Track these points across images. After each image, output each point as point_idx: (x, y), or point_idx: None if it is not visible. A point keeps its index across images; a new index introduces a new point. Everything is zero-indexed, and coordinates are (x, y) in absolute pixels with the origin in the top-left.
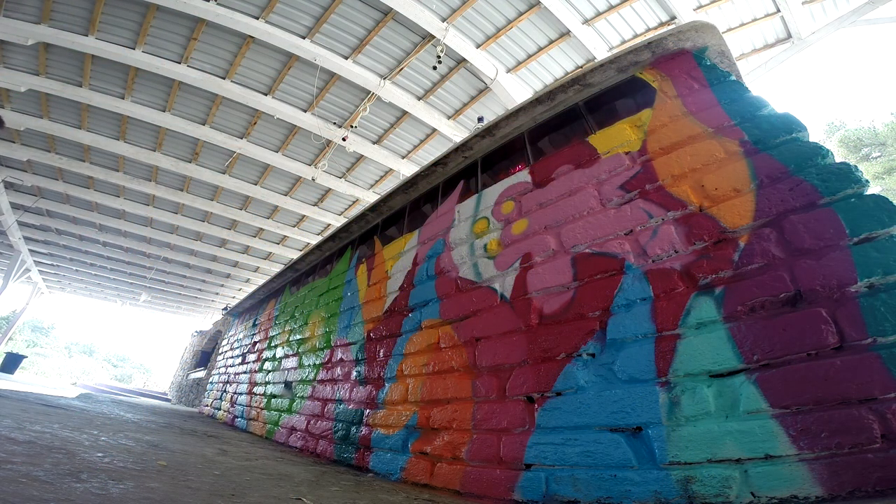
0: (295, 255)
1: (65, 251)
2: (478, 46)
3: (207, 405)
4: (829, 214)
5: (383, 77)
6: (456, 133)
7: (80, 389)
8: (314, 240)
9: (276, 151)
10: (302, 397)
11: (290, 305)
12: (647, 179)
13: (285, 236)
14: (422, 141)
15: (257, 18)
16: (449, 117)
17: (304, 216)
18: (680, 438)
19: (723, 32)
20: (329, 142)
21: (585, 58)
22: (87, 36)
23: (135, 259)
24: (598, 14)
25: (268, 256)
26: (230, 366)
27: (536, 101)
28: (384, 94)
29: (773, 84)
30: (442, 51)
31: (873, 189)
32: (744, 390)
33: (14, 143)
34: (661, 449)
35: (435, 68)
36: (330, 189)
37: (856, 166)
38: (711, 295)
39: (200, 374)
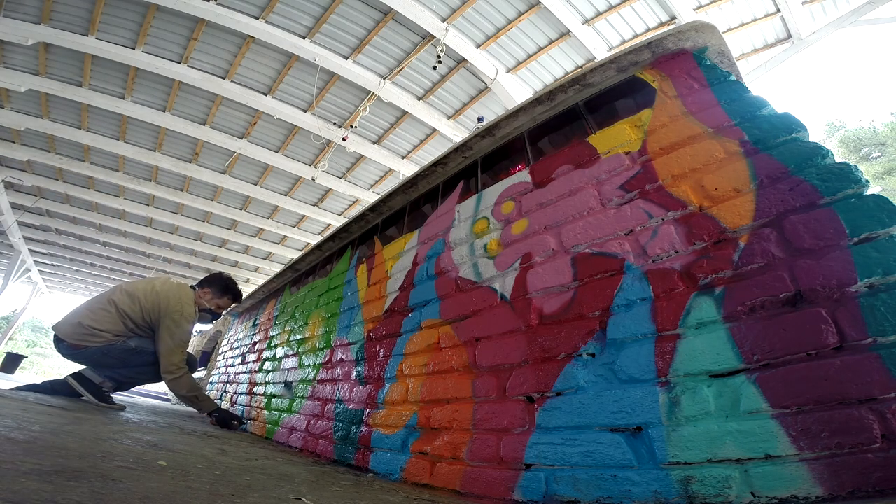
0: (295, 255)
1: (65, 251)
2: (478, 46)
3: None
4: (829, 214)
5: (383, 77)
6: (456, 133)
7: None
8: (314, 240)
9: (276, 151)
10: (302, 397)
11: (290, 305)
12: (647, 179)
13: (285, 236)
14: (422, 141)
15: (257, 18)
16: (449, 117)
17: (304, 216)
18: (680, 438)
19: (723, 32)
20: (329, 142)
21: (585, 58)
22: (87, 36)
23: (135, 259)
24: (598, 14)
25: (268, 256)
26: (230, 366)
27: (536, 101)
28: (384, 94)
29: (773, 84)
30: (442, 51)
31: (873, 189)
32: (744, 390)
33: (14, 143)
34: (661, 449)
35: (435, 68)
36: (330, 189)
37: (856, 166)
38: (711, 295)
39: (200, 374)
